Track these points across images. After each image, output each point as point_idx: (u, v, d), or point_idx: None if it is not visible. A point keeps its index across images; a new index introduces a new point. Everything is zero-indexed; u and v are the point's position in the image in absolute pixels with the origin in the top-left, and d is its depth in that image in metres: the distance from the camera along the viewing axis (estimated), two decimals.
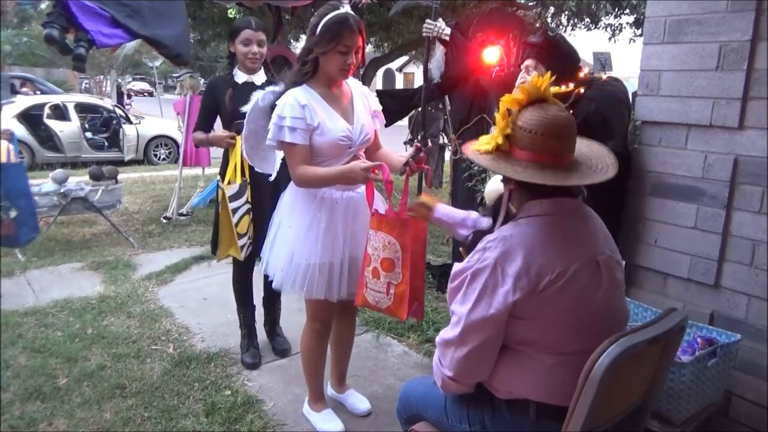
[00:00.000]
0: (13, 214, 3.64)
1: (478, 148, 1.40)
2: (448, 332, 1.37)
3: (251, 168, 2.57)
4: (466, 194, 3.75)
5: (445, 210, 1.95)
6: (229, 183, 2.74)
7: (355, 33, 2.00)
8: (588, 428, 1.22)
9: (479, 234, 1.43)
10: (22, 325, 3.29)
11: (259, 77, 2.79)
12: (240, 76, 2.77)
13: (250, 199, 2.78)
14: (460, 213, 1.92)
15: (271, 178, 2.39)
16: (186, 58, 3.96)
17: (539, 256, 1.29)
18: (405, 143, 7.45)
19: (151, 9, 3.59)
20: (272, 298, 3.09)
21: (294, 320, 3.11)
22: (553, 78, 1.40)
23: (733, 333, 1.97)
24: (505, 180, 1.43)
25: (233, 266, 3.01)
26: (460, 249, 1.56)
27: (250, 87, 2.67)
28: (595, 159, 1.41)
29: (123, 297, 3.77)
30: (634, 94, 2.38)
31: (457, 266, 1.38)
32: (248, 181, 2.77)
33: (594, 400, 1.18)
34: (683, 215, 2.17)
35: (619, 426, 1.38)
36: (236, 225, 2.70)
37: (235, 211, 2.69)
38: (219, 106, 2.78)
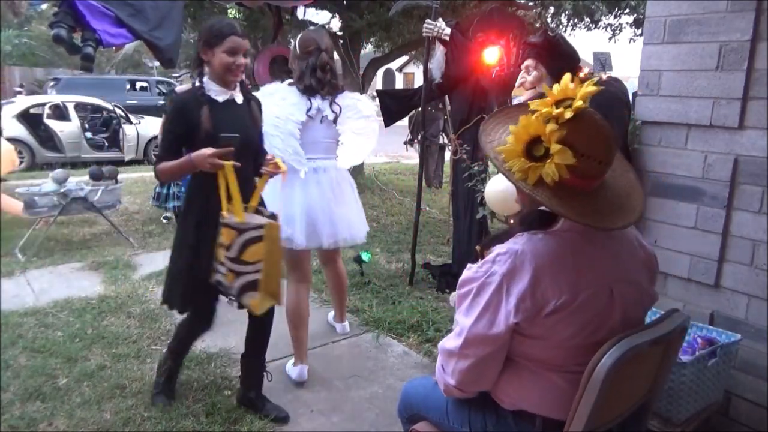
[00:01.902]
0: None
1: (524, 177, 1.20)
2: (451, 341, 1.34)
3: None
4: (466, 194, 3.76)
5: None
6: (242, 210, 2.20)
7: None
8: (590, 429, 1.22)
9: (502, 236, 1.34)
10: (22, 325, 3.29)
11: (238, 93, 2.31)
12: (217, 93, 2.23)
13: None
14: None
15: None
16: (175, 61, 4.02)
17: (547, 278, 1.21)
18: (405, 143, 7.46)
19: (153, 8, 3.59)
20: (261, 343, 2.60)
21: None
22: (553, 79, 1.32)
23: (733, 333, 1.97)
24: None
25: (192, 312, 2.43)
26: (477, 247, 1.49)
27: (232, 107, 2.27)
28: (618, 172, 1.33)
29: (123, 297, 3.77)
30: (634, 94, 2.38)
31: (467, 272, 1.33)
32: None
33: (596, 401, 1.18)
34: (683, 215, 2.17)
35: (620, 426, 1.37)
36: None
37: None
38: (193, 131, 2.17)
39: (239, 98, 2.31)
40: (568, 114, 1.18)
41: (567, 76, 1.24)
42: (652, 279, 1.39)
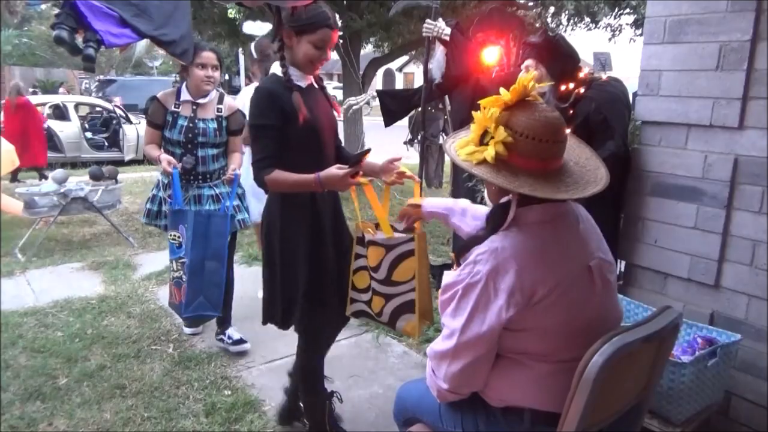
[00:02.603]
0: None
1: (469, 158, 1.30)
2: (441, 345, 1.35)
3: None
4: (466, 194, 3.75)
5: (432, 203, 1.92)
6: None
7: None
8: (583, 428, 1.21)
9: (471, 241, 1.36)
10: (22, 325, 3.29)
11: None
12: (298, 78, 2.01)
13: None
14: (447, 201, 1.90)
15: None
16: (191, 54, 3.94)
17: (532, 269, 1.25)
18: (405, 143, 7.44)
19: (157, 8, 3.58)
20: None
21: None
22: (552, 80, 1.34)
23: (733, 333, 1.97)
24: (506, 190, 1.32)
25: (307, 338, 2.20)
26: (451, 254, 1.50)
27: (313, 92, 2.09)
28: (583, 157, 1.38)
29: (123, 297, 3.77)
30: (634, 94, 2.38)
31: (447, 278, 1.35)
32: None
33: (588, 399, 1.18)
34: (683, 215, 2.17)
35: (615, 426, 1.37)
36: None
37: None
38: (287, 121, 1.95)
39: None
40: (507, 97, 1.27)
41: (522, 76, 1.30)
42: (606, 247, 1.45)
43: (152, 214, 3.11)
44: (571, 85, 2.37)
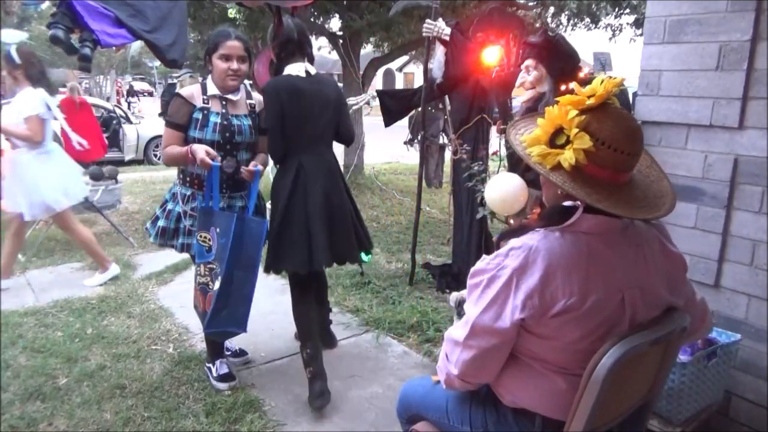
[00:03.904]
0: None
1: (542, 161, 1.22)
2: (458, 331, 1.34)
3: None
4: (466, 194, 3.76)
5: None
6: None
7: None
8: (589, 429, 1.21)
9: (518, 230, 1.31)
10: (22, 325, 3.29)
11: None
12: None
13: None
14: None
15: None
16: (180, 62, 3.95)
17: (558, 278, 1.20)
18: (405, 143, 7.45)
19: (153, 9, 3.59)
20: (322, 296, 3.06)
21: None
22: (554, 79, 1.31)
23: (733, 333, 1.97)
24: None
25: (294, 285, 2.75)
26: (495, 240, 1.46)
27: None
28: (644, 165, 1.32)
29: (123, 297, 3.77)
30: (634, 94, 2.38)
31: (480, 263, 1.32)
32: None
33: (596, 401, 1.18)
34: (683, 215, 2.17)
35: (620, 426, 1.37)
36: None
37: None
38: None
39: None
40: (591, 101, 1.20)
41: (598, 79, 1.24)
42: (673, 287, 1.36)
43: (168, 233, 2.63)
44: (571, 85, 2.37)
